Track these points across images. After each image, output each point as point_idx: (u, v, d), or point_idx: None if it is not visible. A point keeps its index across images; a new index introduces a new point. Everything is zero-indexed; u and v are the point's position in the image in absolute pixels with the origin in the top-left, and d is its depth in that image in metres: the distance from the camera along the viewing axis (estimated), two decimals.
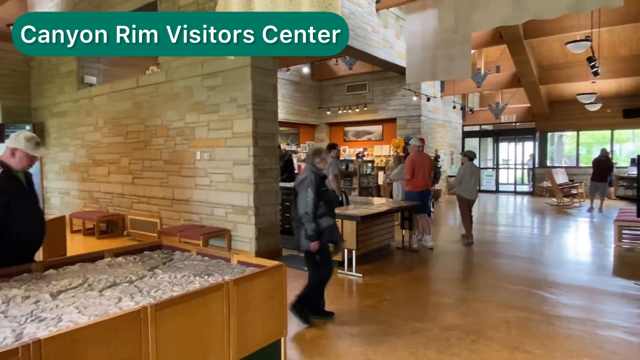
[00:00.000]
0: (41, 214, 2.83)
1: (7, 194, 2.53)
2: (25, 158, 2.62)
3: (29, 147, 2.60)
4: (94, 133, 8.05)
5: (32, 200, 2.73)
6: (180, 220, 6.54)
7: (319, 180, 3.60)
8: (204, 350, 2.01)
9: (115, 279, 2.36)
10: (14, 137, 2.62)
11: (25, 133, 2.66)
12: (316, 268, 3.71)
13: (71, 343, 1.54)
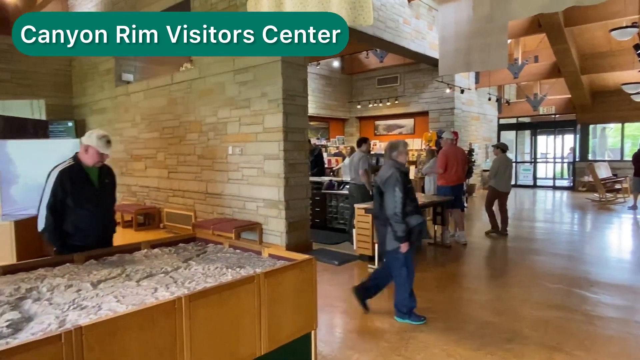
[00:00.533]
0: (106, 208, 2.97)
1: (66, 186, 2.72)
2: (96, 155, 2.79)
3: (100, 145, 2.77)
4: (131, 129, 8.33)
5: (98, 195, 2.87)
6: (213, 213, 6.69)
7: (403, 176, 3.47)
8: (236, 340, 2.05)
9: (151, 269, 2.43)
10: (88, 135, 2.80)
11: (97, 131, 2.82)
12: (399, 266, 3.54)
13: (110, 330, 1.60)
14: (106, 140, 2.80)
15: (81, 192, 2.79)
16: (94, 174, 2.88)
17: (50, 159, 4.56)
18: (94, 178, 2.88)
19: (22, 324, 1.70)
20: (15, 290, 2.08)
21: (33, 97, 7.68)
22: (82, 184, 2.81)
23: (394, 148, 3.60)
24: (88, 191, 2.83)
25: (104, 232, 2.96)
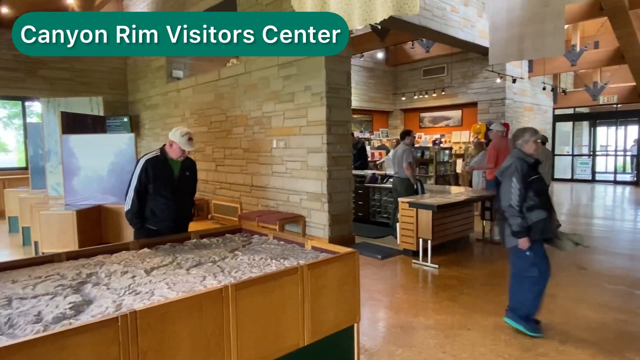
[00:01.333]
0: (182, 198, 3.16)
1: (149, 173, 3.00)
2: (178, 150, 3.03)
3: (182, 141, 2.99)
4: (181, 123, 8.67)
5: (176, 185, 3.10)
6: (258, 205, 6.84)
7: (525, 167, 3.12)
8: (279, 330, 2.09)
9: (200, 258, 2.53)
10: (174, 131, 3.03)
11: (181, 129, 3.02)
12: (527, 265, 3.16)
13: (162, 315, 1.68)
14: (188, 138, 3.01)
15: (161, 181, 3.03)
16: (176, 166, 3.11)
17: (107, 152, 4.85)
18: (175, 170, 3.10)
19: (83, 307, 1.83)
20: (76, 275, 2.23)
21: (92, 95, 8.17)
22: (163, 174, 3.04)
23: (519, 136, 3.24)
24: (167, 181, 3.06)
25: (178, 220, 3.16)
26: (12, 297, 1.93)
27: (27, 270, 2.34)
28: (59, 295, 1.94)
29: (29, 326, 1.61)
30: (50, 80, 9.67)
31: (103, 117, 6.42)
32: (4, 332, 1.59)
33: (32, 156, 6.88)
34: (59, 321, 1.66)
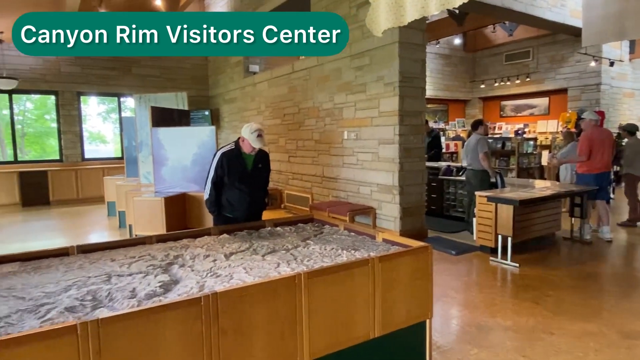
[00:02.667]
0: (255, 189, 3.32)
1: (224, 165, 3.19)
2: (249, 146, 3.19)
3: (251, 138, 3.15)
4: (257, 116, 9.02)
5: (249, 177, 3.25)
6: (329, 196, 6.92)
7: None
8: (350, 320, 2.10)
9: (274, 246, 2.63)
10: (245, 127, 3.19)
11: (252, 126, 3.16)
12: None
13: (240, 298, 1.78)
14: (257, 135, 3.14)
15: (235, 173, 3.21)
16: (250, 159, 3.27)
17: (191, 144, 5.20)
18: (248, 162, 3.26)
19: (171, 286, 1.99)
20: (165, 257, 2.44)
21: (177, 90, 8.79)
22: (237, 167, 3.22)
23: None
24: (241, 173, 3.23)
25: (251, 209, 3.32)
26: (112, 273, 2.15)
27: (123, 250, 2.60)
28: (150, 274, 2.13)
29: (125, 300, 1.80)
30: (142, 78, 10.58)
31: (187, 111, 6.89)
32: (105, 304, 1.79)
33: (127, 147, 7.60)
34: (150, 297, 1.83)
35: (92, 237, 6.53)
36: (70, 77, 9.86)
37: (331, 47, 2.48)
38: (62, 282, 2.02)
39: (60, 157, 10.03)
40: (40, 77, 9.55)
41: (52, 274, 2.16)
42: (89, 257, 2.45)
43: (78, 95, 10.10)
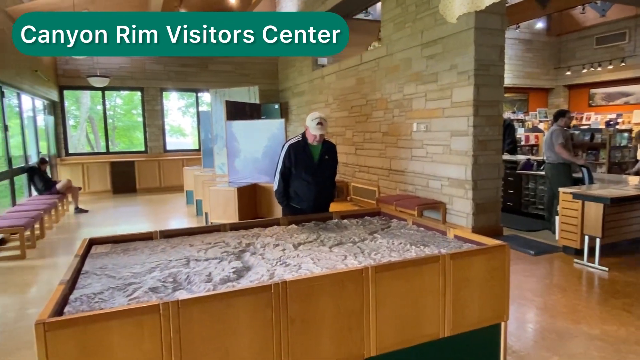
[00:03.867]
0: (322, 180, 3.33)
1: (291, 157, 3.27)
2: (310, 134, 3.24)
3: (311, 125, 3.19)
4: (324, 109, 9.08)
5: (315, 168, 3.28)
6: (396, 190, 6.79)
7: None
8: (418, 317, 2.04)
9: (341, 238, 2.63)
10: (308, 116, 3.24)
11: (314, 114, 3.22)
12: None
13: (308, 288, 1.80)
14: (317, 123, 3.17)
15: (302, 164, 3.27)
16: (316, 150, 3.31)
17: (262, 136, 5.37)
18: (315, 154, 3.30)
19: (243, 272, 2.07)
20: (238, 244, 2.54)
21: (249, 85, 9.11)
22: (304, 158, 3.27)
23: None
24: (307, 164, 3.27)
25: (318, 200, 3.35)
26: (190, 258, 2.29)
27: (200, 236, 2.76)
28: (225, 260, 2.24)
29: (202, 284, 1.90)
30: (217, 74, 11.11)
31: (258, 105, 7.12)
32: (184, 286, 1.91)
33: (204, 139, 8.05)
34: (224, 282, 1.92)
35: (172, 223, 7.03)
36: (154, 75, 10.63)
37: (331, 47, 2.46)
38: (147, 264, 2.19)
39: (145, 149, 10.90)
40: (128, 75, 10.41)
41: (138, 256, 2.35)
42: (170, 242, 2.64)
43: (161, 91, 10.87)
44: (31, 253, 5.24)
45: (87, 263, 2.24)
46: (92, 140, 16.25)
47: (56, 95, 9.67)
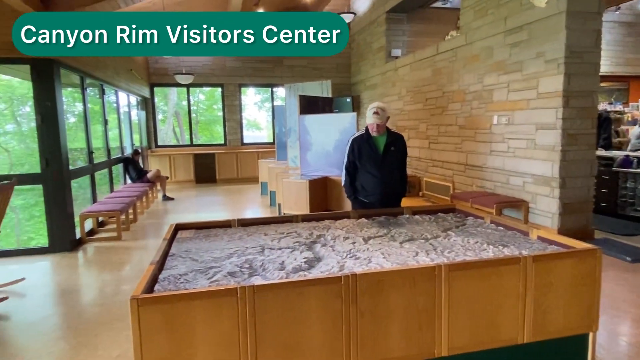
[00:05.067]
0: (389, 173, 3.26)
1: (355, 150, 3.29)
2: (370, 125, 3.22)
3: (368, 115, 3.20)
4: (397, 102, 8.90)
5: (381, 160, 3.24)
6: (472, 186, 6.48)
7: None
8: (495, 320, 1.94)
9: (412, 234, 2.57)
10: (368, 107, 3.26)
11: (371, 104, 3.20)
12: None
13: (378, 282, 1.80)
14: (373, 112, 3.14)
15: (366, 157, 3.26)
16: (381, 142, 3.27)
17: (334, 130, 5.41)
18: (379, 145, 3.26)
19: (314, 262, 2.12)
20: (309, 235, 2.60)
21: (322, 79, 9.21)
22: (368, 151, 3.25)
23: None
24: (372, 156, 3.25)
25: (386, 193, 3.29)
26: (265, 246, 2.40)
27: (274, 226, 2.87)
28: (297, 250, 2.31)
29: (275, 272, 1.98)
30: (292, 68, 11.38)
31: (330, 99, 7.17)
32: (259, 273, 2.00)
33: (278, 133, 8.32)
34: (296, 271, 1.98)
35: (248, 213, 7.38)
36: (233, 71, 11.17)
37: (331, 47, 2.43)
38: (226, 250, 2.33)
39: (225, 142, 11.52)
40: (210, 72, 11.05)
41: (218, 242, 2.51)
42: (247, 230, 2.78)
43: (239, 87, 11.39)
44: (126, 235, 5.82)
45: (173, 246, 2.44)
46: (177, 133, 17.57)
47: (147, 92, 10.57)
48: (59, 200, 5.00)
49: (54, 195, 4.98)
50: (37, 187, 5.01)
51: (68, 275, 4.35)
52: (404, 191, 3.44)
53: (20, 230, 12.22)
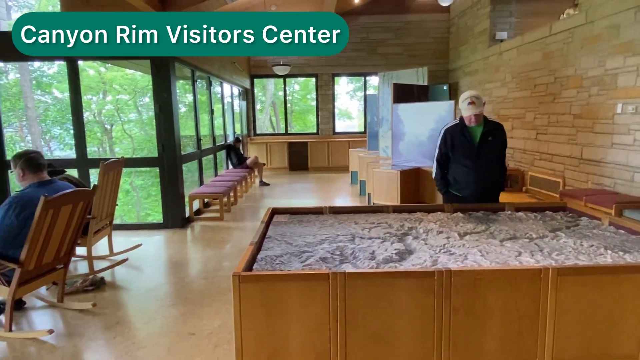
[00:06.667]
0: (486, 165, 3.04)
1: (448, 142, 3.10)
2: (465, 116, 3.03)
3: (463, 107, 3.00)
4: (500, 89, 8.26)
5: (476, 152, 3.01)
6: (587, 182, 5.79)
7: None
8: (611, 334, 1.73)
9: (515, 232, 2.39)
10: (460, 97, 3.07)
11: (464, 94, 3.02)
12: None
13: (474, 281, 1.71)
14: (468, 102, 2.93)
15: (459, 148, 3.07)
16: (477, 132, 3.05)
17: (429, 119, 5.22)
18: (475, 136, 3.05)
19: (405, 255, 2.08)
20: (400, 227, 2.56)
21: (417, 66, 8.91)
22: (462, 142, 3.06)
23: None
24: (466, 148, 3.05)
25: (481, 187, 3.08)
26: (355, 235, 2.42)
27: (364, 215, 2.88)
28: (387, 241, 2.29)
29: (366, 261, 1.99)
30: (386, 56, 11.18)
31: (426, 87, 6.91)
32: (350, 260, 2.03)
33: (369, 122, 8.27)
34: (387, 262, 1.96)
35: (338, 201, 7.50)
36: (328, 61, 11.32)
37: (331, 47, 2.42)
38: (318, 236, 2.40)
39: (317, 131, 11.79)
40: (305, 62, 11.33)
41: (311, 228, 2.59)
42: (337, 218, 2.83)
43: (332, 77, 11.53)
44: (227, 216, 6.30)
45: (270, 229, 2.58)
46: (273, 122, 18.45)
47: (248, 83, 11.21)
48: (173, 182, 5.58)
49: (168, 178, 5.57)
50: (154, 169, 5.65)
51: (178, 249, 4.86)
52: (502, 185, 3.20)
53: (140, 207, 13.89)
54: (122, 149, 14.61)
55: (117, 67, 12.88)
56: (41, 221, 2.69)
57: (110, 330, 2.91)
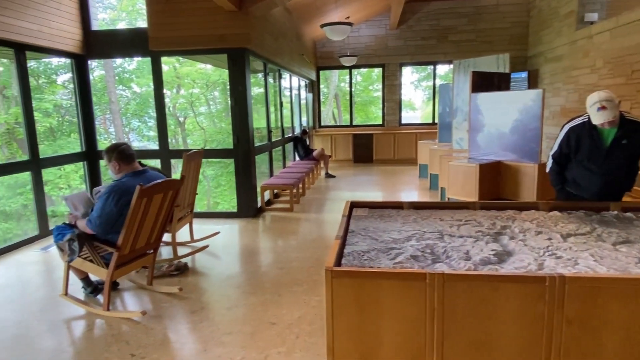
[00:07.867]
0: (615, 171, 2.71)
1: (571, 142, 2.77)
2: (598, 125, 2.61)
3: (591, 112, 2.57)
4: (589, 75, 7.53)
5: (606, 155, 2.68)
6: None
7: None
8: None
9: (628, 235, 2.14)
10: (587, 100, 2.63)
11: (591, 97, 2.56)
12: None
13: (592, 289, 1.54)
14: (597, 108, 2.50)
15: (585, 150, 2.74)
16: (609, 135, 2.67)
17: (512, 109, 4.86)
18: (606, 139, 2.68)
19: (504, 256, 1.93)
20: (491, 225, 2.40)
21: (492, 53, 8.37)
22: (589, 143, 2.72)
23: None
24: (593, 150, 2.72)
25: (606, 192, 2.77)
26: (443, 232, 2.30)
27: (449, 212, 2.73)
28: (480, 240, 2.14)
29: (461, 261, 1.87)
30: (457, 43, 10.65)
31: (507, 74, 6.46)
32: (442, 260, 1.92)
33: (441, 113, 7.93)
34: (485, 264, 1.84)
35: (405, 195, 7.30)
36: (395, 50, 11.02)
37: None
38: (403, 232, 2.32)
39: (382, 122, 11.57)
40: (372, 52, 11.12)
41: (393, 223, 2.51)
42: (419, 214, 2.71)
43: (399, 66, 11.22)
44: (296, 207, 6.38)
45: (351, 223, 2.53)
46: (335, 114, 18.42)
47: (314, 75, 11.24)
48: (246, 172, 5.74)
49: (242, 168, 5.74)
50: (223, 160, 5.80)
51: (252, 238, 5.00)
52: (629, 187, 2.82)
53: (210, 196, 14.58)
54: (192, 141, 15.41)
55: (189, 62, 13.53)
56: (137, 208, 2.87)
57: (196, 314, 3.05)
